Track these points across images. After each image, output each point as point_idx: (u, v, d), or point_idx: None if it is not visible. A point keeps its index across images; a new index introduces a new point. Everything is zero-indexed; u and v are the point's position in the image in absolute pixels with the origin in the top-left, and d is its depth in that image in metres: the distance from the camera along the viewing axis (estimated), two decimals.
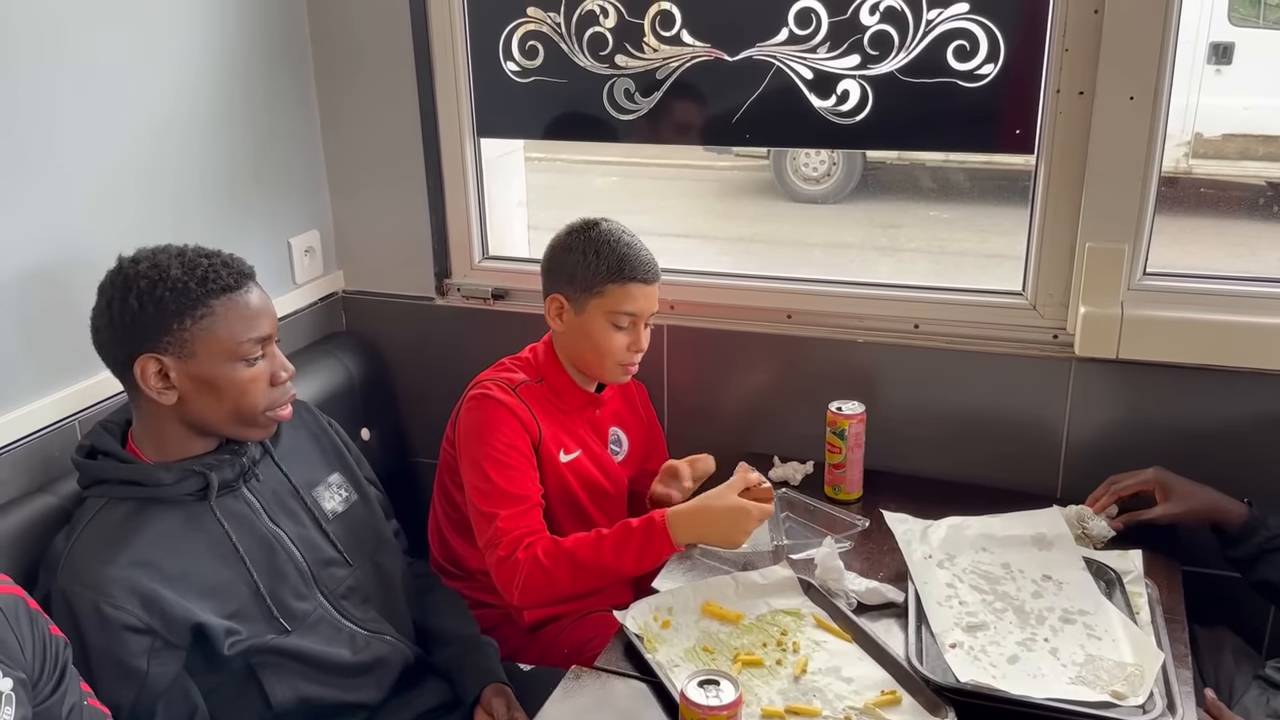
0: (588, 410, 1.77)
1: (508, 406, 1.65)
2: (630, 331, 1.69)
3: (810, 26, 1.72)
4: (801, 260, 5.94)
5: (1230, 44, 5.90)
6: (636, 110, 1.86)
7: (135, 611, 1.26)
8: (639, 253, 1.68)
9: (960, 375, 1.81)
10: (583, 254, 1.67)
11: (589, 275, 1.66)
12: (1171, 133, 5.29)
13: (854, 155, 6.43)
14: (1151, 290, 1.67)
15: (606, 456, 1.80)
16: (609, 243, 1.67)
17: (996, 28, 1.64)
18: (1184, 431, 1.70)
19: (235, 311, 1.33)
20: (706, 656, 1.38)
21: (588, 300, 1.67)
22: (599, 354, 1.69)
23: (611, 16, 1.82)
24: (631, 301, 1.67)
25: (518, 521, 1.59)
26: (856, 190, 6.63)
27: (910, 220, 6.16)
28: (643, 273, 1.67)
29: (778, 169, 6.75)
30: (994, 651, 1.35)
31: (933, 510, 1.66)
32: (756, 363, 1.93)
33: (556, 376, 1.73)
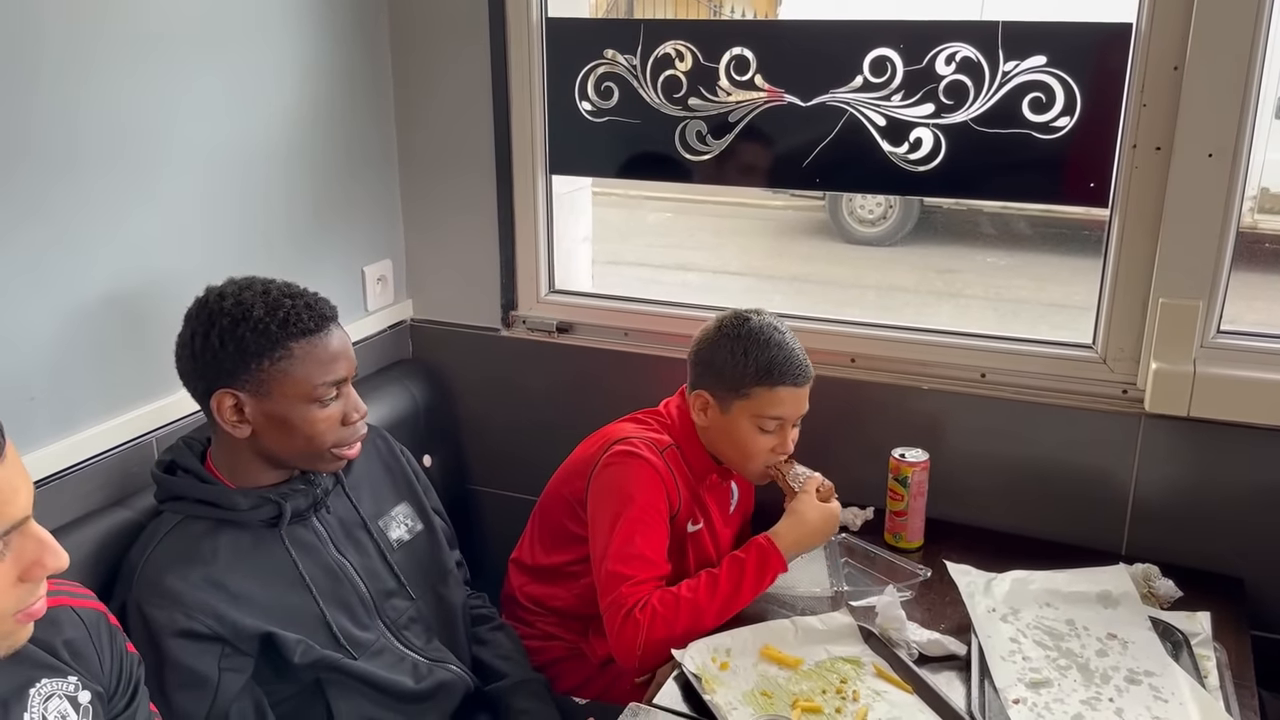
0: (714, 478, 1.73)
1: (657, 469, 1.61)
2: (777, 435, 1.63)
3: (885, 74, 1.73)
4: (855, 302, 5.91)
5: None
6: (708, 152, 1.89)
7: (207, 621, 1.28)
8: (791, 354, 1.61)
9: (1026, 427, 1.79)
10: (730, 353, 1.61)
11: (738, 376, 1.60)
12: None
13: (911, 198, 6.41)
14: (1225, 348, 1.64)
15: (721, 523, 1.76)
16: (760, 342, 1.60)
17: (1074, 81, 1.64)
18: (1256, 493, 1.66)
19: (314, 355, 1.35)
20: (765, 700, 1.37)
21: (734, 401, 1.61)
22: (742, 456, 1.64)
23: (687, 60, 1.85)
24: (780, 406, 1.60)
25: (647, 588, 1.54)
26: (912, 233, 6.60)
27: (966, 265, 6.12)
28: (794, 376, 1.60)
29: (833, 210, 6.74)
30: (1058, 709, 1.33)
31: (995, 562, 1.64)
32: (818, 406, 1.90)
33: (692, 447, 1.68)
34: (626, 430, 1.68)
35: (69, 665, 1.07)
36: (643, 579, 1.54)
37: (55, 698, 1.04)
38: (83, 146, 1.44)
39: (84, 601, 1.14)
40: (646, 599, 1.51)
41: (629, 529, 1.56)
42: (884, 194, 5.64)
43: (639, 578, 1.54)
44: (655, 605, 1.50)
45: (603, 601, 1.56)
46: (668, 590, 1.54)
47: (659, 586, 1.55)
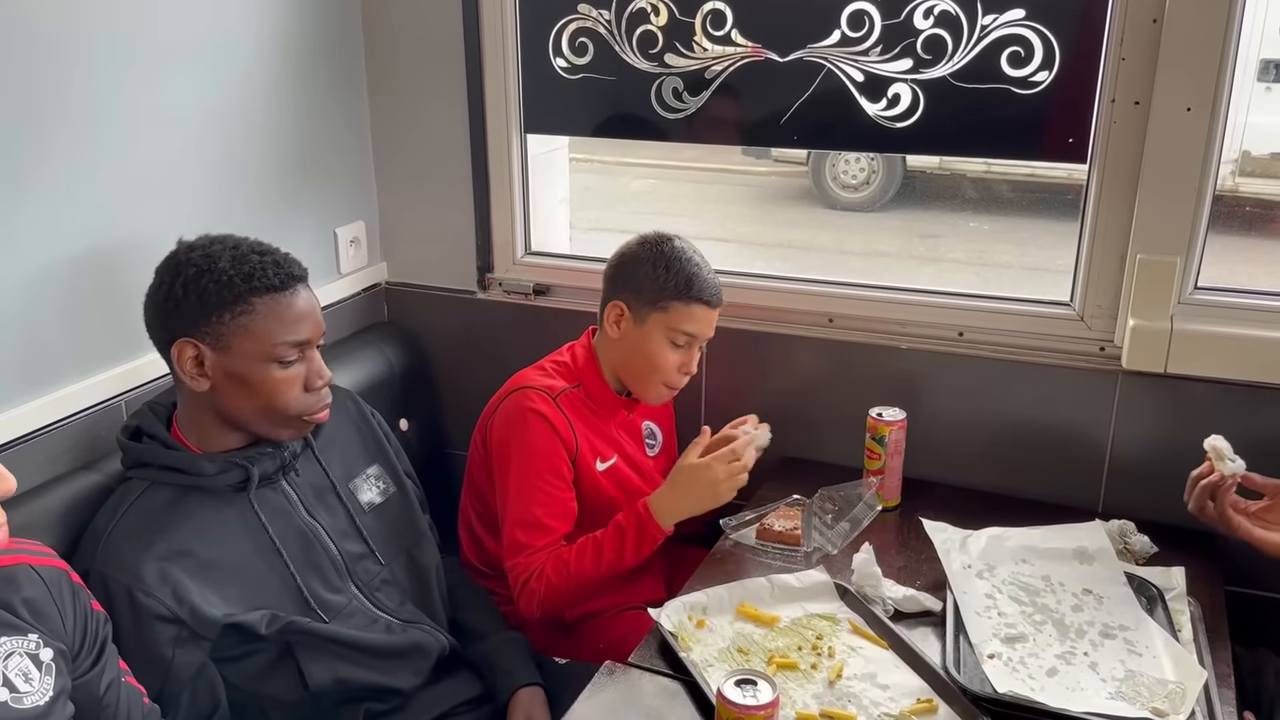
0: (620, 414, 1.78)
1: (549, 420, 1.65)
2: (685, 352, 1.69)
3: (863, 29, 1.71)
4: (839, 267, 5.91)
5: None
6: (684, 109, 1.86)
7: (166, 601, 1.27)
8: (707, 275, 1.68)
9: (1004, 385, 1.79)
10: (653, 266, 1.67)
11: (656, 288, 1.66)
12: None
13: (894, 163, 6.39)
14: (1202, 305, 1.64)
15: (641, 456, 1.80)
16: (680, 260, 1.67)
17: (1052, 34, 1.62)
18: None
19: (276, 312, 1.34)
20: (741, 658, 1.37)
21: (650, 313, 1.67)
22: (649, 369, 1.69)
23: (663, 14, 1.82)
24: (693, 322, 1.67)
25: (542, 557, 1.63)
26: (895, 199, 6.58)
27: (948, 230, 6.12)
28: (709, 295, 1.67)
29: (816, 175, 6.72)
30: (1033, 664, 1.34)
31: (972, 520, 1.64)
32: (796, 366, 1.92)
33: (594, 382, 1.74)
34: (525, 379, 1.72)
35: (29, 623, 1.06)
36: (539, 547, 1.63)
37: (15, 655, 1.03)
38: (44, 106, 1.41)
39: (44, 560, 1.12)
40: (541, 568, 1.61)
41: (525, 493, 1.64)
42: (862, 151, 5.60)
43: (535, 546, 1.62)
44: (549, 575, 1.61)
45: (506, 563, 1.65)
46: (560, 557, 1.62)
47: (555, 550, 1.63)
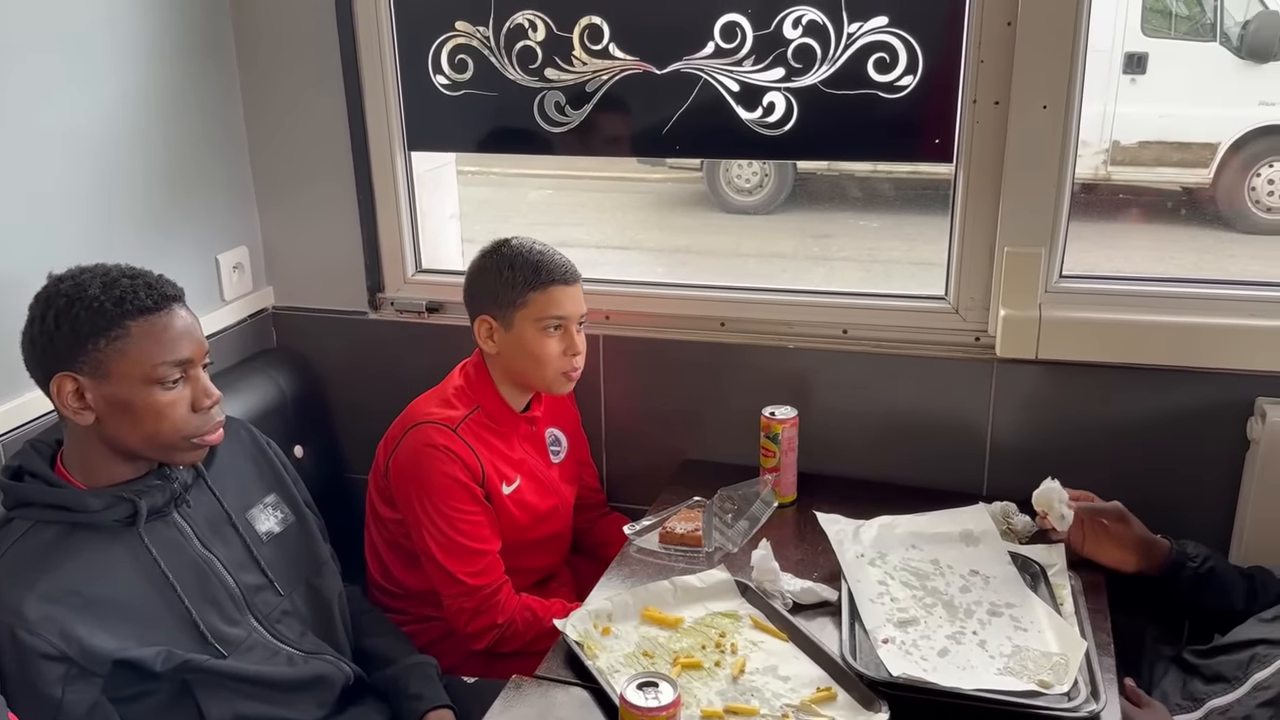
0: (523, 428, 1.78)
1: (452, 453, 1.65)
2: (563, 335, 1.71)
3: (735, 40, 1.75)
4: (736, 270, 6.01)
5: (1144, 54, 6.12)
6: (568, 123, 1.88)
7: (51, 639, 1.22)
8: (552, 257, 1.71)
9: (888, 378, 1.85)
10: (498, 271, 1.69)
11: (509, 290, 1.68)
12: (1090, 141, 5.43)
13: (785, 166, 6.52)
14: (1067, 292, 1.73)
15: (545, 467, 1.80)
16: (521, 254, 1.70)
17: (915, 40, 1.69)
18: (1102, 428, 1.76)
19: (152, 334, 1.31)
20: (647, 661, 1.39)
21: (514, 314, 1.69)
22: (539, 364, 1.70)
23: (540, 30, 1.83)
24: (556, 305, 1.69)
25: (484, 578, 1.64)
26: (788, 201, 6.72)
27: (840, 230, 6.27)
28: (560, 274, 1.70)
29: (711, 180, 6.81)
30: (925, 645, 1.39)
31: (866, 510, 1.69)
32: (691, 370, 1.95)
33: (491, 401, 1.74)
34: (422, 412, 1.71)
35: None
36: (475, 569, 1.64)
37: None
38: None
39: None
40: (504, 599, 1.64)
41: (444, 526, 1.64)
42: (743, 159, 5.72)
43: (469, 569, 1.63)
44: (518, 622, 1.64)
45: (444, 591, 1.65)
46: (528, 606, 1.66)
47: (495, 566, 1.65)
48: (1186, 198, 6.35)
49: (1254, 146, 5.99)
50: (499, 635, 1.64)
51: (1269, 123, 5.95)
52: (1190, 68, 6.11)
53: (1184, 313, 1.68)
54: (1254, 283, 1.70)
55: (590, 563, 1.84)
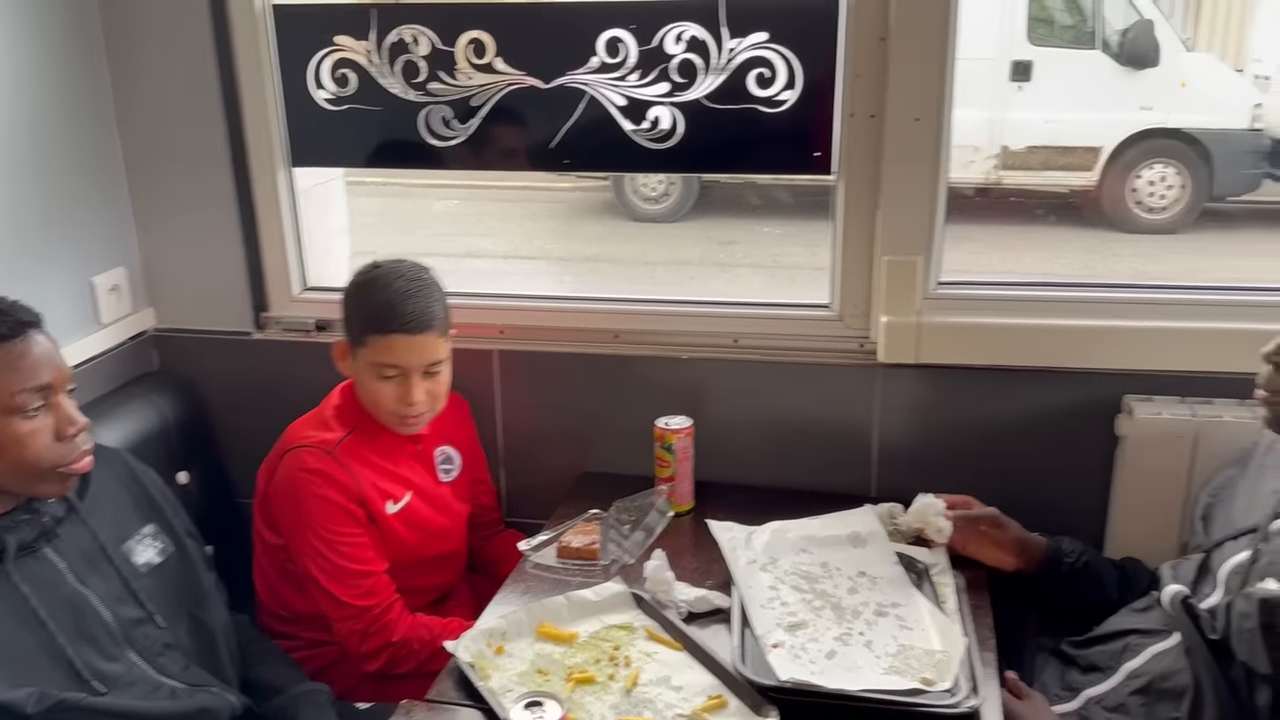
0: (408, 447, 1.75)
1: (327, 476, 1.61)
2: (398, 383, 1.63)
3: (619, 55, 1.76)
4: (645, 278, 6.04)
5: (1030, 62, 6.36)
6: (454, 137, 1.86)
7: None
8: (406, 301, 1.60)
9: (779, 386, 1.88)
10: (355, 299, 1.65)
11: (356, 323, 1.64)
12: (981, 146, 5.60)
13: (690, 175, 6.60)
14: (944, 298, 1.79)
15: (434, 486, 1.78)
16: (376, 289, 1.62)
17: (793, 56, 1.72)
18: (982, 429, 1.82)
19: (8, 362, 1.27)
20: (541, 679, 1.39)
21: (358, 349, 1.64)
22: (373, 405, 1.66)
23: (423, 44, 1.82)
24: (392, 354, 1.61)
25: (372, 599, 1.61)
26: (695, 208, 6.80)
27: (745, 236, 6.37)
28: (401, 323, 1.59)
29: (618, 189, 6.85)
30: (813, 648, 1.41)
31: (761, 516, 1.71)
32: (587, 383, 1.96)
33: (368, 421, 1.69)
34: (297, 436, 1.66)
35: None
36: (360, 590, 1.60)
37: None
38: None
39: None
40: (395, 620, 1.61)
41: (325, 552, 1.61)
42: (630, 172, 5.77)
43: (352, 591, 1.60)
44: (412, 643, 1.61)
45: (332, 614, 1.61)
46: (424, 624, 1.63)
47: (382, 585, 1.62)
48: (1074, 199, 6.62)
49: (1135, 150, 6.28)
50: (393, 655, 1.62)
51: (1148, 126, 6.24)
52: (1073, 75, 6.37)
53: (1054, 315, 1.75)
54: (1120, 285, 1.79)
55: (488, 581, 1.82)
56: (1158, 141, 6.26)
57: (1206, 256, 5.82)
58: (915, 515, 1.64)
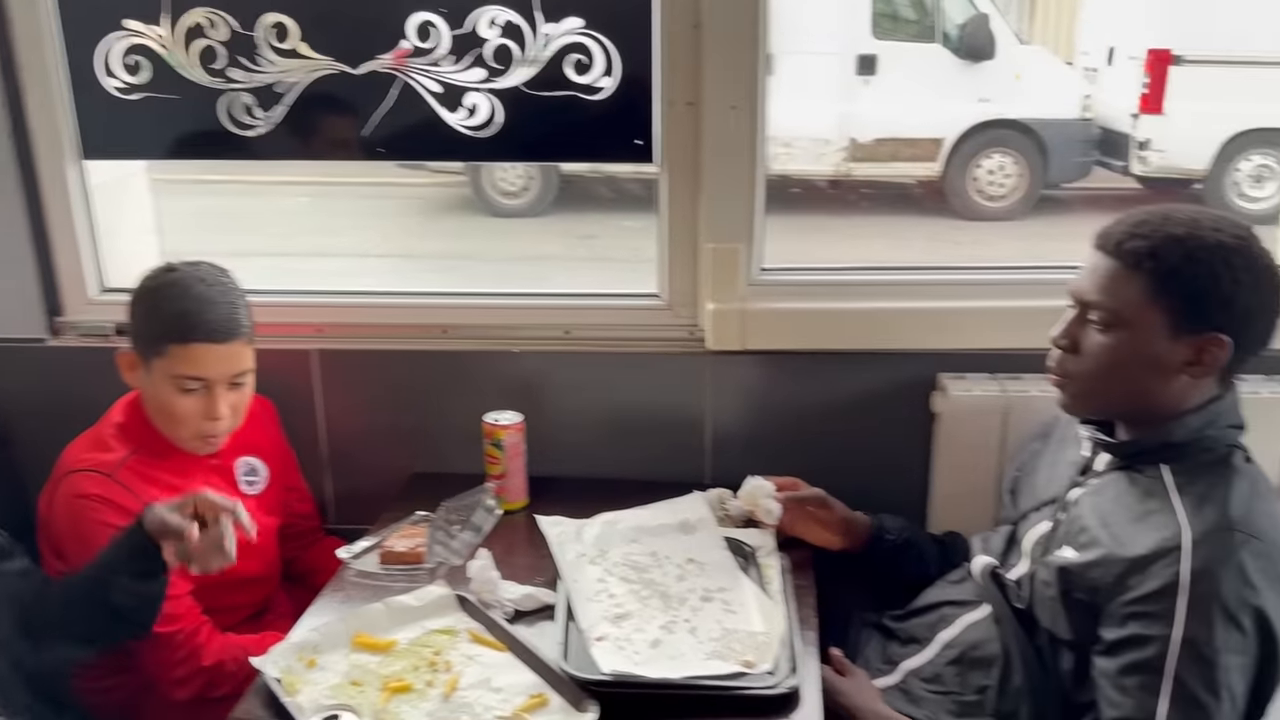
0: (202, 462, 1.63)
1: (110, 502, 1.49)
2: (202, 396, 1.53)
3: (431, 40, 1.71)
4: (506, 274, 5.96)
5: (875, 56, 6.57)
6: (260, 125, 1.77)
7: None
8: (210, 308, 1.51)
9: (611, 377, 1.87)
10: (145, 306, 1.54)
11: (150, 332, 1.53)
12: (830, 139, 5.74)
13: (549, 169, 6.55)
14: (768, 285, 1.80)
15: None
16: (175, 295, 1.52)
17: (609, 42, 1.70)
18: (809, 412, 1.85)
19: None
20: (355, 690, 1.33)
21: (153, 360, 1.53)
22: (170, 420, 1.55)
23: (221, 28, 1.72)
24: (195, 365, 1.51)
25: (175, 624, 1.49)
26: (556, 202, 6.75)
27: (605, 230, 6.36)
28: (205, 332, 1.50)
29: (476, 184, 6.73)
30: (638, 639, 1.39)
31: (596, 509, 1.70)
32: (415, 380, 1.90)
33: (154, 439, 1.58)
34: (74, 459, 1.54)
35: None
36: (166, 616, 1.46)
37: None
38: None
39: None
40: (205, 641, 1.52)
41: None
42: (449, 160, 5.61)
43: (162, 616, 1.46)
44: (226, 663, 1.51)
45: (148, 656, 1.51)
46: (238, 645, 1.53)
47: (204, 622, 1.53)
48: (921, 190, 6.87)
49: (974, 140, 6.55)
50: (206, 680, 1.52)
51: (987, 118, 6.52)
52: (916, 68, 6.61)
53: (872, 299, 1.79)
54: (931, 268, 1.84)
55: (309, 592, 1.74)
56: (996, 132, 6.55)
57: (1043, 241, 6.12)
58: (745, 498, 1.65)
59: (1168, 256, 1.26)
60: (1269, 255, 1.27)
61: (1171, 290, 1.26)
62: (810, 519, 1.64)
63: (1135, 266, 1.27)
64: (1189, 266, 1.25)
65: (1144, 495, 1.30)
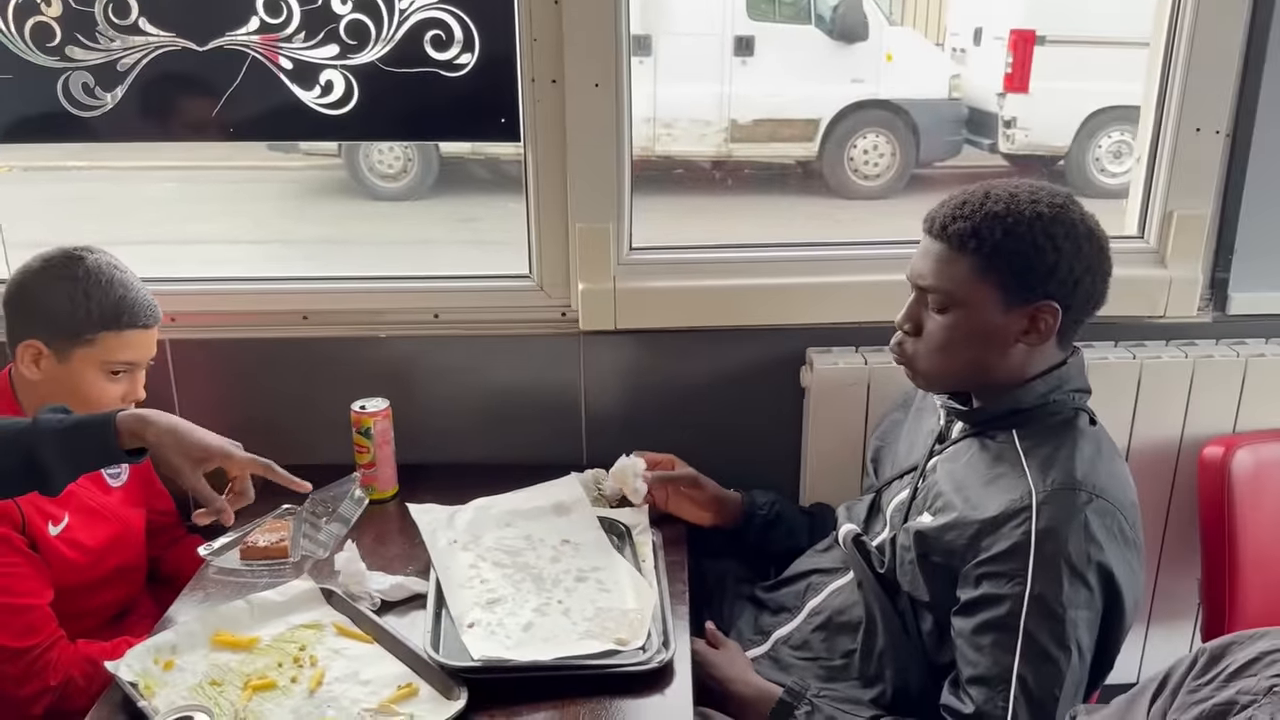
0: None
1: None
2: (127, 380, 1.54)
3: (282, 15, 1.65)
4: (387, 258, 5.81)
5: (751, 37, 6.64)
6: (100, 105, 1.68)
7: None
8: (138, 294, 1.52)
9: (483, 360, 1.84)
10: (68, 296, 1.47)
11: (77, 321, 1.47)
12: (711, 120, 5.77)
13: (429, 151, 6.41)
14: (638, 264, 1.81)
15: (104, 496, 1.61)
16: (103, 284, 1.48)
17: (468, 17, 1.67)
18: (683, 390, 1.86)
19: None
20: (214, 690, 1.28)
21: (74, 350, 1.48)
22: (88, 406, 1.47)
23: (55, 4, 1.62)
24: (130, 350, 1.52)
25: (30, 638, 1.43)
26: (436, 186, 6.62)
27: (488, 213, 6.27)
28: (144, 317, 1.52)
29: (351, 166, 6.55)
30: (511, 623, 1.38)
31: (471, 495, 1.67)
32: (276, 370, 1.84)
33: None
34: None
35: None
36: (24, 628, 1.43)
37: None
38: None
39: None
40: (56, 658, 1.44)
41: None
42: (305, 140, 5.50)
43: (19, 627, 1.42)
44: (77, 678, 1.45)
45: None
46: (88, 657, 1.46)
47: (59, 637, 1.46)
48: (801, 170, 6.99)
49: (849, 121, 6.69)
50: (55, 697, 1.44)
51: (860, 98, 6.67)
52: (791, 49, 6.71)
53: (741, 276, 1.81)
54: (796, 244, 1.87)
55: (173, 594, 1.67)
56: (869, 112, 6.71)
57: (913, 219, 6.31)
58: (615, 477, 1.66)
59: (989, 235, 1.30)
60: (1090, 218, 1.33)
61: (998, 267, 1.31)
62: (682, 498, 1.65)
63: (960, 248, 1.32)
64: (1010, 242, 1.30)
65: (995, 460, 1.35)
